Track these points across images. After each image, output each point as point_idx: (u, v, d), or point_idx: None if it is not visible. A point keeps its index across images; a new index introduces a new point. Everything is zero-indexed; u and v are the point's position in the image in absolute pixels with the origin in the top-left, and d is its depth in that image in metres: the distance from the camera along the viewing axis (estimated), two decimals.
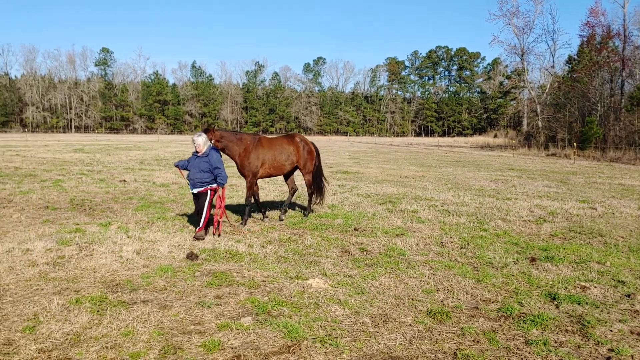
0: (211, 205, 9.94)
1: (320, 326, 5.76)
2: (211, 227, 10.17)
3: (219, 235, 9.92)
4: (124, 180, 19.14)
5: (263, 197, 15.05)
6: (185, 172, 10.02)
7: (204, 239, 9.57)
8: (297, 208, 13.77)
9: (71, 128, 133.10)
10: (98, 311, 5.99)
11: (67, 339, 5.26)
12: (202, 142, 9.92)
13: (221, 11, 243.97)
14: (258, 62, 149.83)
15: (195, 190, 9.86)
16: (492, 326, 5.96)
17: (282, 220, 11.85)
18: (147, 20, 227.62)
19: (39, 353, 4.95)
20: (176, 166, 10.22)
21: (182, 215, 12.15)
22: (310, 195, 12.46)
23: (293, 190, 12.50)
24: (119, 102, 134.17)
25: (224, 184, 9.93)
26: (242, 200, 14.47)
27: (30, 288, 6.81)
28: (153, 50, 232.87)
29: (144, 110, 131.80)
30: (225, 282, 7.19)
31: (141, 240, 9.39)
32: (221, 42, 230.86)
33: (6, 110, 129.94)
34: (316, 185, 12.38)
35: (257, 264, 8.15)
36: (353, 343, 5.38)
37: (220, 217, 9.97)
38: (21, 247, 8.70)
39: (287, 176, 12.43)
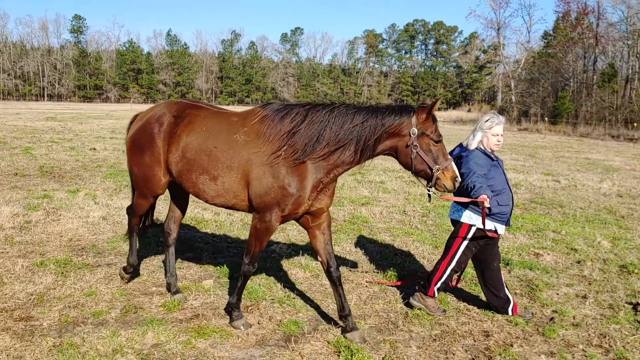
0: None
1: (280, 288, 5.97)
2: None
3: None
4: (94, 149, 19.00)
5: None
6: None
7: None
8: None
9: (44, 96, 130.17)
10: (62, 273, 6.10)
11: (30, 299, 5.37)
12: None
13: None
14: (234, 31, 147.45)
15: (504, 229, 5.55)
16: (445, 288, 6.22)
17: None
18: None
19: (1, 312, 5.06)
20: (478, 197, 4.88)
21: None
22: None
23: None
24: (93, 71, 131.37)
25: None
26: None
27: None
28: (128, 19, 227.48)
29: (118, 79, 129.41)
30: (189, 248, 7.34)
31: (108, 206, 9.46)
32: (197, 10, 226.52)
33: None
34: None
35: (223, 230, 8.31)
36: (310, 302, 5.61)
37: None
38: None
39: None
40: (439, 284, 5.43)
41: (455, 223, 5.48)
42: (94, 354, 4.28)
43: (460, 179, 4.70)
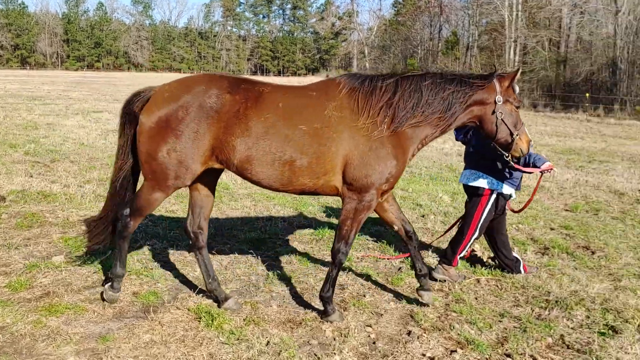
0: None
1: (137, 260, 5.83)
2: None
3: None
4: None
5: None
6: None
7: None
8: None
9: None
10: None
11: None
12: None
13: None
14: None
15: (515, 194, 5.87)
16: (304, 248, 6.49)
17: None
18: None
19: None
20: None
21: None
22: None
23: None
24: None
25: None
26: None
27: None
28: None
29: None
30: (36, 224, 6.87)
31: None
32: None
33: None
34: None
35: (73, 203, 7.87)
36: (169, 273, 5.56)
37: None
38: None
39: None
40: (463, 253, 5.69)
41: (472, 190, 5.67)
42: None
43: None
